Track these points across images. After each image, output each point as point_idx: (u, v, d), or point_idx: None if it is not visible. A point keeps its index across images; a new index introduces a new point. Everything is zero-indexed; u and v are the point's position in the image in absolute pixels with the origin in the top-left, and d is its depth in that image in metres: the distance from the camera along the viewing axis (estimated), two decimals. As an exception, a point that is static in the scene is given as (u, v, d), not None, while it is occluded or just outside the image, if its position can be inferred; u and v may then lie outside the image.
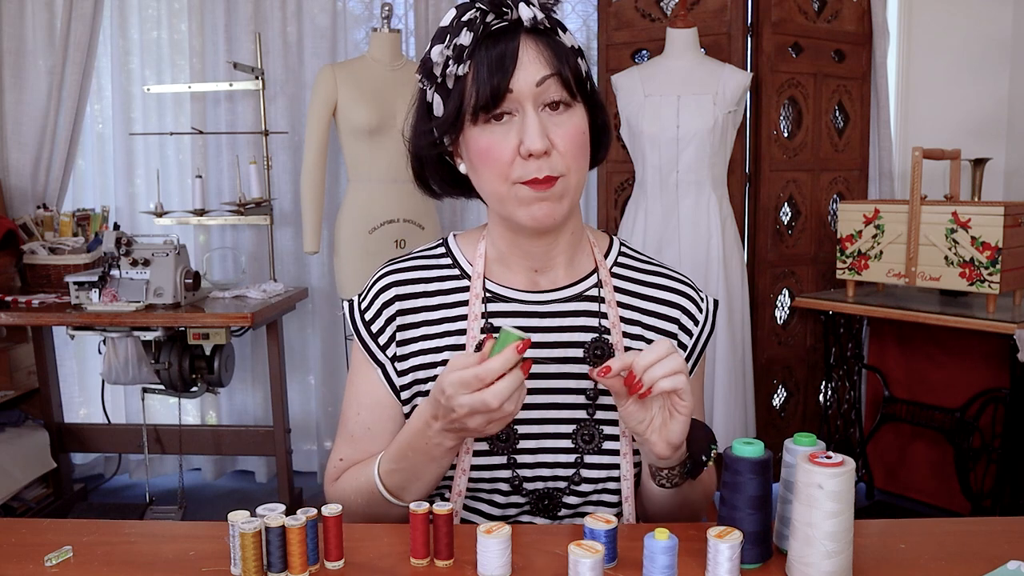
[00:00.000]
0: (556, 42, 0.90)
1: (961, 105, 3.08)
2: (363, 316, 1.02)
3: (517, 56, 0.87)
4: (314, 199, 2.69)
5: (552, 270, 1.00)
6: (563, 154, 0.88)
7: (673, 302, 1.03)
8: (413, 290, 1.01)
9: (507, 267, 1.01)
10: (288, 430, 2.84)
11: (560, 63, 0.88)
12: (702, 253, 2.49)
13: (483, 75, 0.86)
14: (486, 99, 0.86)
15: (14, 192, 3.00)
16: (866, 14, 2.90)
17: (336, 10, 3.11)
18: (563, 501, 0.99)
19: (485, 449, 0.97)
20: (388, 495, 0.94)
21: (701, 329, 1.03)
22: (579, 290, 1.01)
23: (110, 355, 2.63)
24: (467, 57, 0.87)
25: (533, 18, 0.87)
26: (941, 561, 0.82)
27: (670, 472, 0.91)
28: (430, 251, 1.05)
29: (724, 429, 2.49)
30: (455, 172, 0.98)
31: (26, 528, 0.92)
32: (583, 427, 0.98)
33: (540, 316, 0.99)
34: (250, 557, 0.76)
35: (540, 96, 0.88)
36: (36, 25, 3.00)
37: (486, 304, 0.99)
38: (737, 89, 2.47)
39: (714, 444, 0.91)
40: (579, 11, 3.17)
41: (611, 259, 1.04)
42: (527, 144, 0.86)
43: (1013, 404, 2.32)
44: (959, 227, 2.30)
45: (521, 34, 0.88)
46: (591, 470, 0.98)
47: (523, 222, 0.91)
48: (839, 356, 2.80)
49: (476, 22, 0.87)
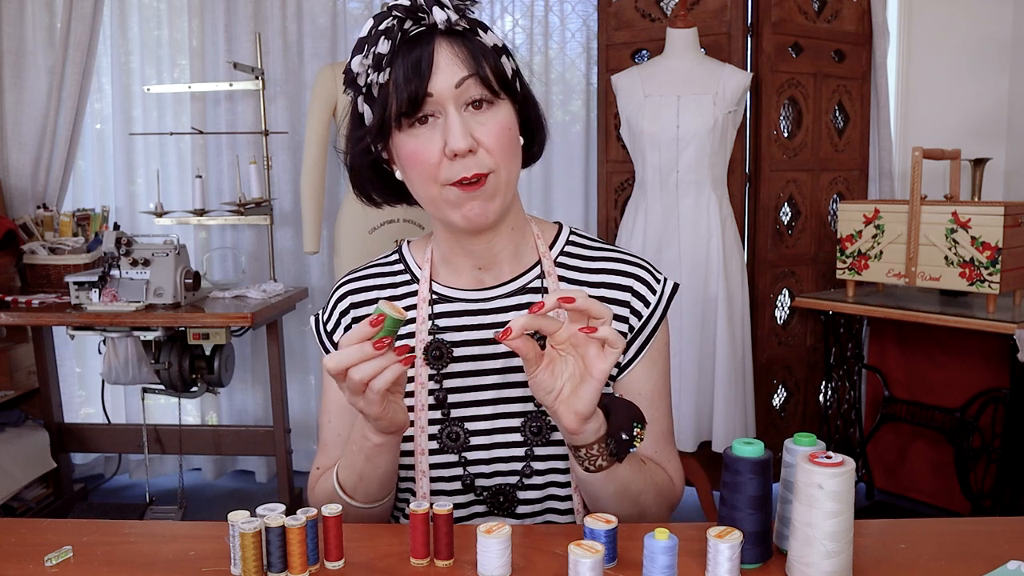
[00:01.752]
0: (474, 42, 0.89)
1: (961, 105, 3.08)
2: (325, 327, 1.06)
3: (432, 60, 0.87)
4: (314, 199, 2.69)
5: (496, 266, 1.01)
6: (489, 151, 0.89)
7: (623, 285, 1.01)
8: (367, 297, 1.04)
9: (452, 268, 1.02)
10: (288, 430, 2.84)
11: (477, 63, 0.88)
12: (702, 253, 2.49)
13: (400, 82, 0.87)
14: (406, 105, 0.87)
15: (14, 192, 3.00)
16: (866, 14, 2.90)
17: (336, 10, 3.11)
18: (517, 496, 0.99)
19: (436, 448, 0.98)
20: (344, 496, 0.95)
21: (651, 311, 1.00)
22: (522, 283, 1.01)
23: (110, 355, 2.63)
24: (386, 65, 0.87)
25: (447, 20, 0.87)
26: (941, 561, 0.82)
27: (588, 451, 0.87)
28: (385, 259, 1.08)
29: (724, 429, 2.49)
30: (393, 179, 0.98)
31: (26, 528, 0.92)
32: (531, 419, 0.98)
33: (484, 313, 1.00)
34: (250, 557, 0.76)
35: (460, 97, 0.88)
36: (36, 25, 3.00)
37: (432, 307, 1.01)
38: (737, 89, 2.47)
39: (639, 423, 0.88)
40: (579, 11, 3.17)
41: (557, 248, 1.03)
42: (451, 144, 0.87)
43: (1013, 404, 2.32)
44: (959, 227, 2.30)
45: (436, 37, 0.88)
46: (541, 462, 0.98)
47: (457, 223, 0.92)
48: (839, 356, 2.80)
49: (394, 29, 0.87)
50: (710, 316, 2.50)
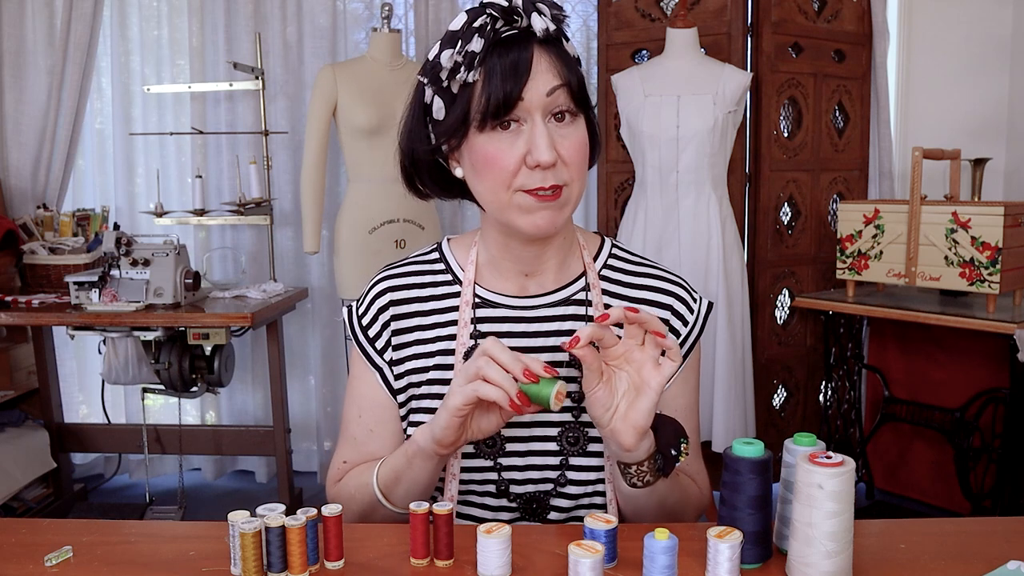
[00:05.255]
0: (564, 52, 0.90)
1: (961, 105, 3.08)
2: (360, 321, 1.04)
3: (531, 65, 0.86)
4: (314, 199, 2.69)
5: (542, 274, 1.00)
6: (568, 165, 0.89)
7: (662, 303, 1.02)
8: (407, 295, 1.02)
9: (498, 272, 1.01)
10: (288, 430, 2.84)
11: (569, 74, 0.89)
12: (702, 253, 2.49)
13: (495, 82, 0.86)
14: (497, 107, 0.86)
15: (14, 192, 3.00)
16: (866, 14, 2.90)
17: (336, 10, 3.11)
18: (551, 504, 0.99)
19: (472, 452, 0.98)
20: (382, 498, 0.95)
21: (690, 331, 1.03)
22: (567, 294, 1.01)
23: (110, 355, 2.63)
24: (478, 64, 0.86)
25: (546, 29, 0.87)
26: (941, 561, 0.82)
27: (639, 468, 0.88)
28: (425, 256, 1.06)
29: (724, 429, 2.49)
30: (447, 175, 0.97)
31: (26, 528, 0.92)
32: (568, 429, 0.98)
33: (527, 321, 1.00)
34: (250, 557, 0.76)
35: (549, 106, 0.88)
36: (36, 25, 3.00)
37: (475, 310, 1.00)
38: (737, 89, 2.47)
39: (684, 439, 0.89)
40: (579, 11, 3.17)
41: (601, 261, 1.04)
42: (536, 156, 0.86)
43: (1013, 404, 2.32)
44: (959, 227, 2.30)
45: (533, 43, 0.88)
46: (577, 472, 0.98)
47: (525, 229, 0.91)
48: (839, 356, 2.80)
49: (487, 28, 0.86)
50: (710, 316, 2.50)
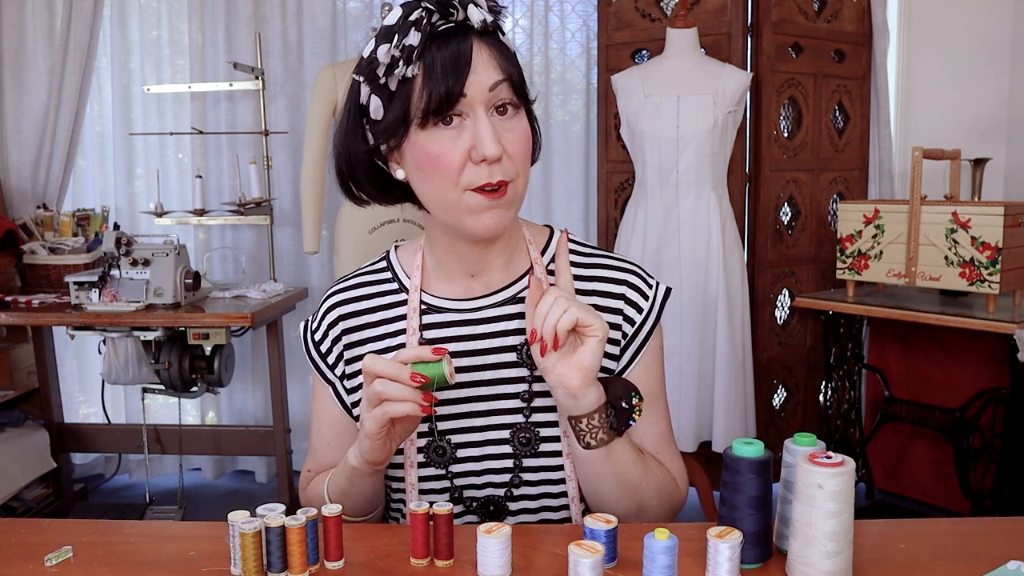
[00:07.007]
0: (502, 45, 0.88)
1: (961, 105, 3.08)
2: (313, 337, 1.04)
3: (471, 59, 0.84)
4: (314, 199, 2.69)
5: (488, 274, 0.99)
6: (513, 159, 0.87)
7: (614, 293, 0.99)
8: (356, 308, 1.02)
9: (444, 274, 1.00)
10: (288, 430, 2.84)
11: (510, 66, 0.87)
12: (702, 253, 2.49)
13: (436, 77, 0.83)
14: (440, 102, 0.83)
15: (14, 192, 3.00)
16: (866, 14, 2.90)
17: (336, 10, 3.11)
18: (508, 508, 0.98)
19: (424, 461, 0.98)
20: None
21: (645, 317, 1.00)
22: (513, 292, 0.99)
23: (110, 355, 2.63)
24: (416, 58, 0.83)
25: (484, 21, 0.85)
26: (941, 561, 0.82)
27: (589, 423, 0.87)
28: (373, 267, 1.05)
29: (724, 429, 2.49)
30: (386, 177, 0.94)
31: (26, 528, 0.92)
32: (519, 430, 0.97)
33: (473, 324, 0.98)
34: (250, 557, 0.76)
35: (492, 100, 0.85)
36: (36, 25, 3.00)
37: (422, 316, 0.99)
38: (737, 89, 2.47)
39: (636, 393, 0.89)
40: (579, 11, 3.17)
41: (549, 254, 1.02)
42: (482, 149, 0.84)
43: (1013, 404, 2.32)
44: (959, 227, 2.30)
45: (471, 36, 0.85)
46: (531, 473, 0.97)
47: (473, 231, 0.88)
48: (839, 356, 2.80)
49: (423, 22, 0.83)
50: (710, 316, 2.50)
